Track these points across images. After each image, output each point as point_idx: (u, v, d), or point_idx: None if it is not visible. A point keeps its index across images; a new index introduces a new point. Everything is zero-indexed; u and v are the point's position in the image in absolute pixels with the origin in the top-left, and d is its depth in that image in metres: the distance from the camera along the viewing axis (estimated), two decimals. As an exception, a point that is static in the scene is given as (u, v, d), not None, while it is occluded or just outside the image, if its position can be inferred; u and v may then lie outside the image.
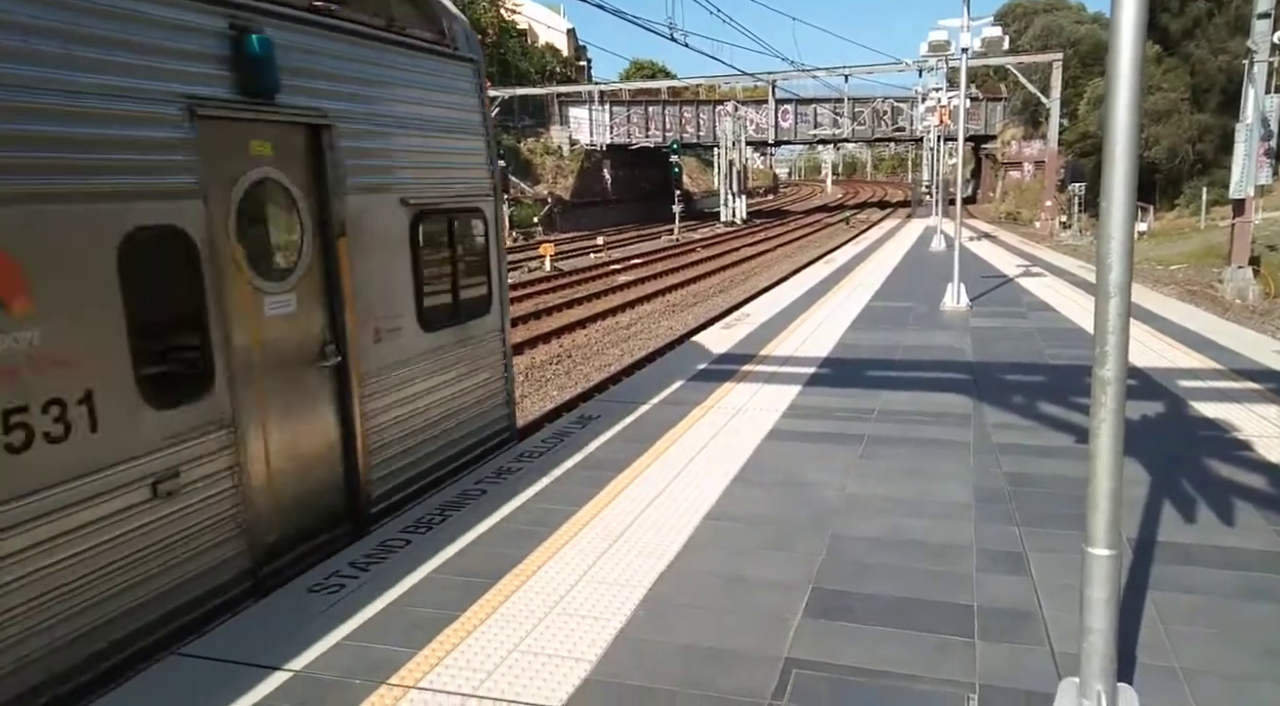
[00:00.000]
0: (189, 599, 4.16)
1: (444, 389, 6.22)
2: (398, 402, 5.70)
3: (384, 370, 5.59)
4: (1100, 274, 2.75)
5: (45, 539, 3.50)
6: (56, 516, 3.55)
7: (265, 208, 4.83)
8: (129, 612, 3.86)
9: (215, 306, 4.31)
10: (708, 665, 3.66)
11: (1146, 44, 2.72)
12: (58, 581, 3.55)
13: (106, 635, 3.75)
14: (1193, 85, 42.53)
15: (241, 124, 4.56)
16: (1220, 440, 6.52)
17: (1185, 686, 3.43)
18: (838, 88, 53.52)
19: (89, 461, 3.68)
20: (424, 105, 6.01)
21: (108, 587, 3.76)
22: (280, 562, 4.82)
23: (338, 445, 5.30)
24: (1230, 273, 23.17)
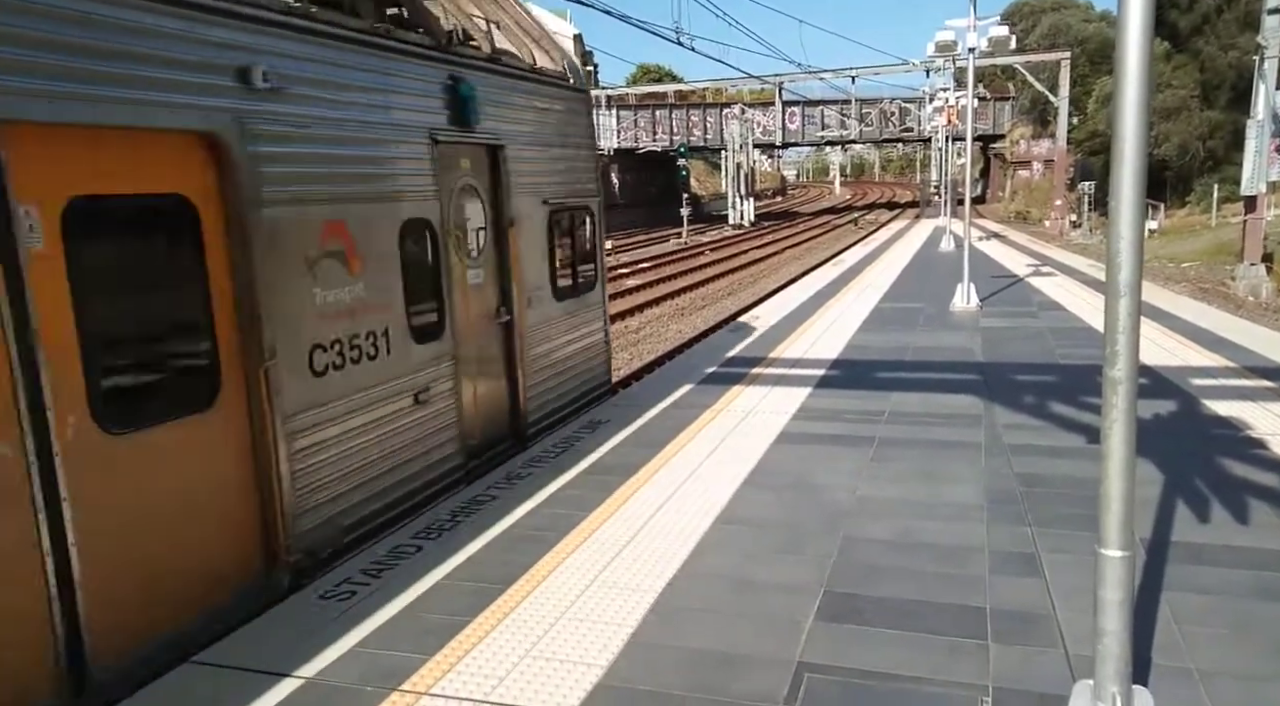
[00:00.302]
0: (432, 477, 5.88)
1: (569, 345, 8.03)
2: (543, 353, 7.52)
3: (534, 327, 7.37)
4: (1110, 273, 2.74)
5: (360, 429, 5.21)
6: (373, 408, 5.32)
7: (466, 206, 6.54)
8: (398, 482, 5.54)
9: (446, 275, 6.13)
10: (719, 669, 3.65)
11: (1155, 41, 2.70)
12: (359, 457, 5.21)
13: (391, 490, 5.46)
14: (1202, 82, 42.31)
15: (455, 146, 6.28)
16: (1233, 438, 6.47)
17: (1200, 687, 3.41)
18: (845, 89, 53.49)
19: (385, 375, 5.45)
20: (555, 127, 7.81)
21: (381, 470, 5.39)
22: (478, 461, 6.51)
23: (506, 380, 7.09)
24: (1242, 270, 23.03)
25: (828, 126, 57.37)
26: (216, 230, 4.38)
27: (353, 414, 5.17)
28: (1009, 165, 56.50)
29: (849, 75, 51.65)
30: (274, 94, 4.62)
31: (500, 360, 7.02)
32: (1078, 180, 44.14)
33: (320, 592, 4.47)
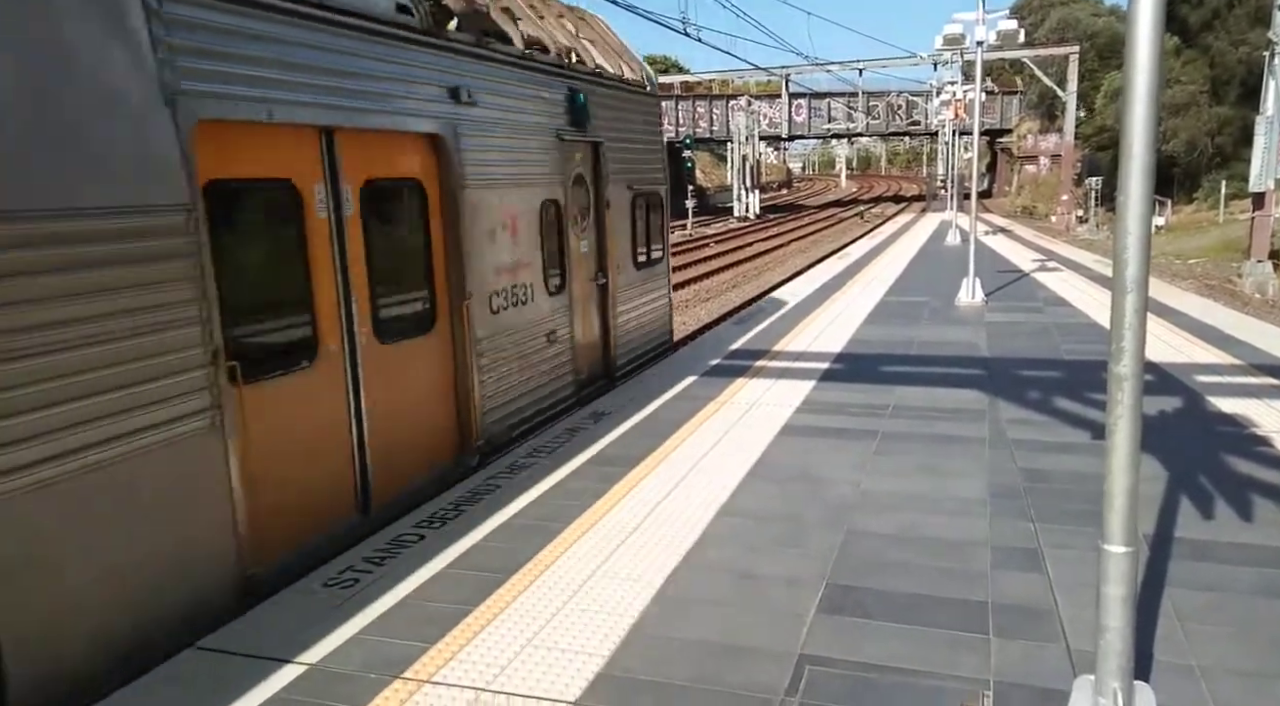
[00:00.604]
0: (555, 401, 7.70)
1: (644, 306, 9.96)
2: (625, 311, 9.38)
3: (621, 289, 9.24)
4: (1117, 269, 2.73)
5: (517, 356, 7.06)
6: (524, 342, 7.17)
7: (577, 190, 8.27)
8: (537, 400, 7.41)
9: (567, 244, 7.97)
10: (721, 660, 3.66)
11: (1165, 36, 2.69)
12: (517, 377, 7.07)
13: (533, 405, 7.34)
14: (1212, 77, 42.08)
15: (572, 143, 8.03)
16: (1239, 435, 6.46)
17: (1203, 684, 3.41)
18: (852, 82, 53.30)
19: (531, 318, 7.27)
20: (636, 126, 9.65)
21: (524, 388, 7.20)
22: (586, 392, 8.36)
23: (601, 330, 8.95)
24: (1249, 267, 22.94)
25: (834, 119, 57.19)
26: (444, 206, 6.26)
27: (513, 345, 7.07)
28: (1016, 160, 56.30)
29: (856, 68, 51.45)
30: (471, 106, 6.39)
31: (598, 314, 8.93)
32: (1085, 175, 43.97)
33: (323, 580, 4.49)
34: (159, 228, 3.92)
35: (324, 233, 5.11)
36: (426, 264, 6.15)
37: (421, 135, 5.98)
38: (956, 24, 16.34)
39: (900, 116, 56.37)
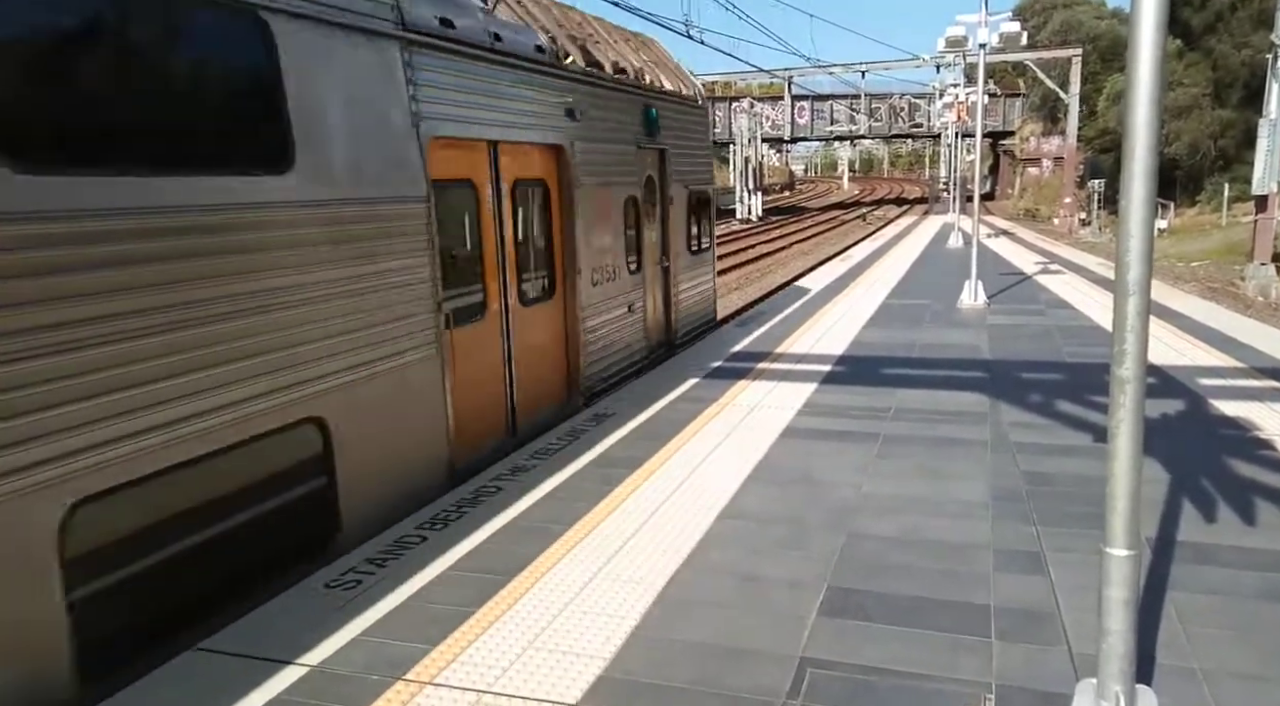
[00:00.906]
0: (630, 362, 9.41)
1: (696, 287, 11.86)
2: (683, 290, 11.24)
3: (680, 272, 11.10)
4: (1119, 272, 2.73)
5: (605, 318, 8.68)
6: (611, 310, 8.84)
7: (648, 189, 10.05)
8: (620, 358, 9.15)
9: (643, 233, 9.80)
10: (722, 663, 3.66)
11: (1167, 39, 2.69)
12: (607, 338, 8.76)
13: (618, 363, 9.05)
14: (1215, 80, 42.06)
15: (645, 150, 9.82)
16: (1241, 439, 6.45)
17: (1205, 687, 3.40)
18: (854, 84, 53.34)
19: (616, 292, 8.95)
20: (692, 135, 11.44)
21: (613, 348, 8.93)
22: (654, 354, 10.24)
23: (664, 306, 10.74)
24: (1252, 269, 22.93)
25: (837, 121, 57.22)
26: (563, 200, 7.99)
27: (605, 312, 8.82)
28: (1018, 162, 56.30)
29: (859, 70, 51.47)
30: (580, 122, 8.12)
31: (662, 292, 10.71)
32: (1087, 178, 43.97)
33: (326, 581, 4.49)
34: (412, 212, 5.68)
35: (490, 222, 6.92)
36: (549, 246, 7.96)
37: (549, 146, 7.78)
38: (959, 26, 16.32)
39: (903, 119, 56.38)
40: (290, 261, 4.70)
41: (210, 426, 4.20)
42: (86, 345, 3.63)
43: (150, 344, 3.91)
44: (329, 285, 4.95)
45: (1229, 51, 41.11)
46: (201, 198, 4.20)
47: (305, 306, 4.80)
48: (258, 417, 4.46)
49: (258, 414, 4.46)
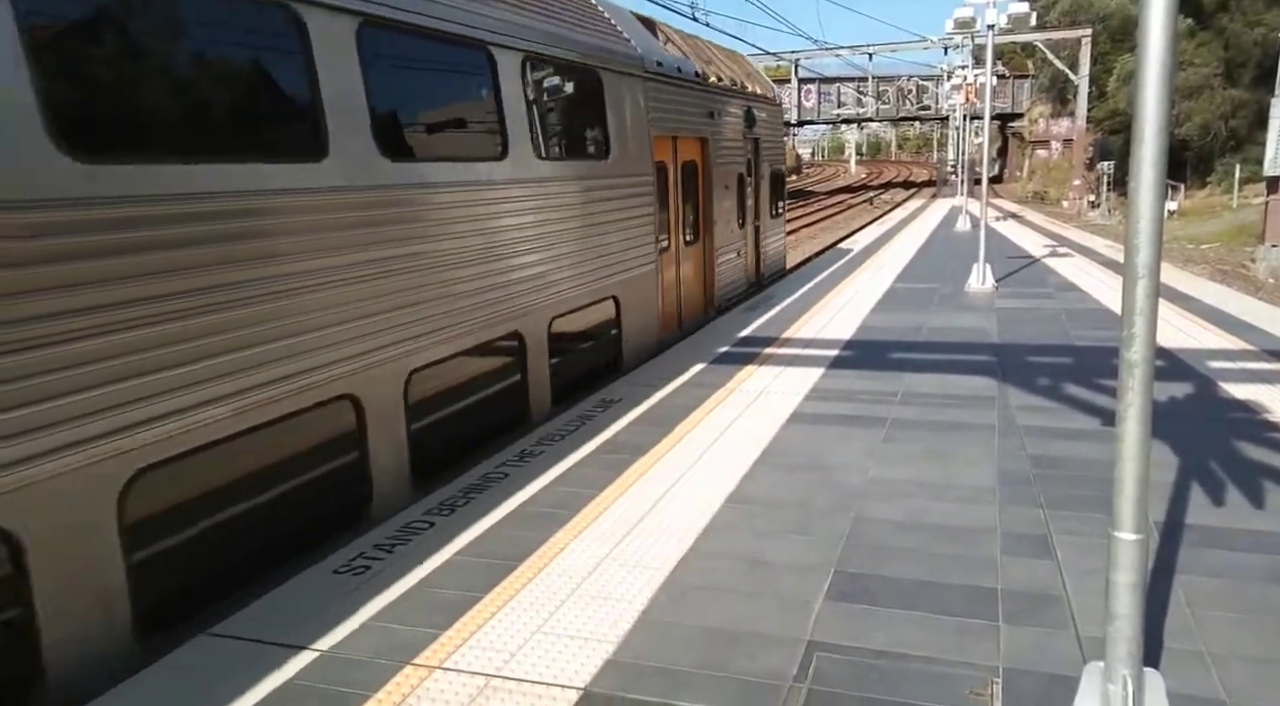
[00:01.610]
0: (739, 290, 13.26)
1: (774, 242, 15.88)
2: (767, 243, 15.02)
3: (765, 230, 14.79)
4: (1128, 255, 2.71)
5: (726, 259, 12.53)
6: (730, 252, 12.75)
7: (747, 168, 13.49)
8: (733, 287, 12.99)
9: (745, 199, 13.46)
10: (730, 647, 3.68)
11: (1179, 18, 2.65)
12: (725, 271, 12.54)
13: (733, 289, 12.98)
14: (1226, 60, 41.59)
15: (747, 139, 13.43)
16: (1251, 422, 6.42)
17: (1212, 670, 3.40)
18: (862, 66, 52.87)
19: (733, 240, 12.85)
20: (772, 127, 15.27)
21: (730, 278, 12.78)
22: (749, 290, 13.84)
23: (755, 254, 14.41)
24: (1263, 252, 22.76)
25: (844, 104, 56.79)
26: (705, 175, 11.43)
27: (726, 255, 12.37)
28: (1027, 144, 55.87)
29: (866, 52, 51.02)
30: (717, 120, 11.78)
31: (754, 244, 14.30)
32: (1097, 160, 43.60)
33: (334, 567, 4.52)
34: (646, 183, 9.35)
35: (672, 190, 10.40)
36: (698, 206, 11.45)
37: (700, 138, 11.35)
38: (967, 7, 16.17)
39: (910, 101, 55.95)
40: (614, 208, 8.50)
41: (583, 293, 8.02)
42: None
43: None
44: (623, 221, 8.75)
45: (1241, 30, 40.64)
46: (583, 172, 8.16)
47: (622, 232, 8.70)
48: (594, 291, 8.27)
49: (592, 292, 8.20)
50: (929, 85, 53.94)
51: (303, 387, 4.66)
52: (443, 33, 6.02)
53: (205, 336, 4.09)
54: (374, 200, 5.21)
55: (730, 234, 12.59)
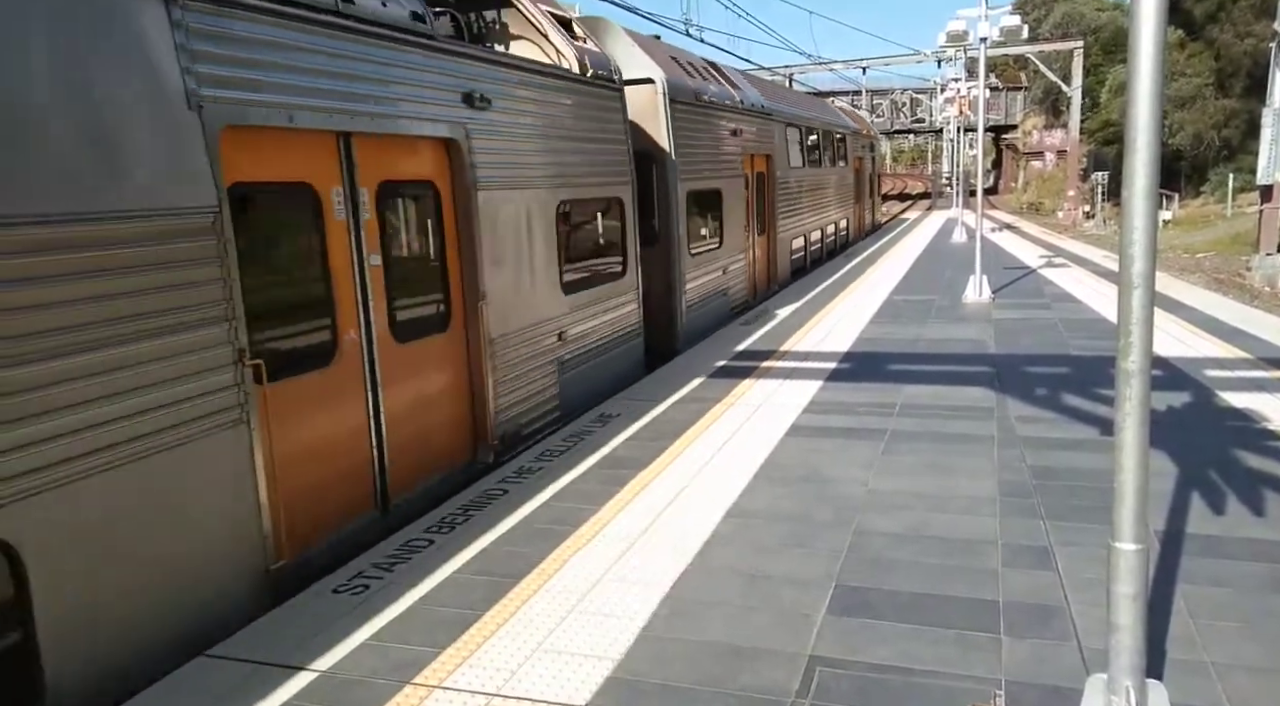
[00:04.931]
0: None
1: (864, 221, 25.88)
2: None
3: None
4: (1123, 265, 2.72)
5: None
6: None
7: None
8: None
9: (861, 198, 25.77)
10: (732, 663, 3.66)
11: (1169, 29, 2.67)
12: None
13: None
14: (1217, 70, 41.86)
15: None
16: (1249, 430, 6.42)
17: (1216, 681, 3.39)
18: (855, 80, 53.09)
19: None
20: (870, 151, 28.73)
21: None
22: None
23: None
24: (1258, 260, 22.82)
25: (838, 118, 56.91)
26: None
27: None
28: (1021, 156, 56.12)
29: (859, 66, 51.20)
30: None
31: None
32: (1091, 170, 43.78)
33: (333, 587, 4.49)
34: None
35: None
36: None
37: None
38: (960, 20, 16.29)
39: (904, 114, 56.21)
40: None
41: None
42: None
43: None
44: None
45: (1231, 41, 40.90)
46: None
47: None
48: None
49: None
50: (923, 98, 54.22)
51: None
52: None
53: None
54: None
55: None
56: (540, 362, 7.39)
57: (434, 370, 6.22)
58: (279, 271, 5.04)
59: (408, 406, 5.86)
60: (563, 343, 7.74)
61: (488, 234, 6.58)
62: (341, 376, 5.30)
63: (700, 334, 11.42)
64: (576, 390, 7.99)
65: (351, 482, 5.39)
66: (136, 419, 3.79)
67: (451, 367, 6.41)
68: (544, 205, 7.47)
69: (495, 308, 6.66)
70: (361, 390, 5.46)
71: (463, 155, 6.30)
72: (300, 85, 4.85)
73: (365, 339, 5.46)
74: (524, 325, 7.12)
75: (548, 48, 8.33)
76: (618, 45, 10.11)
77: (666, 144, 10.45)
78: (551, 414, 7.56)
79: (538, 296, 7.36)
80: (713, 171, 12.04)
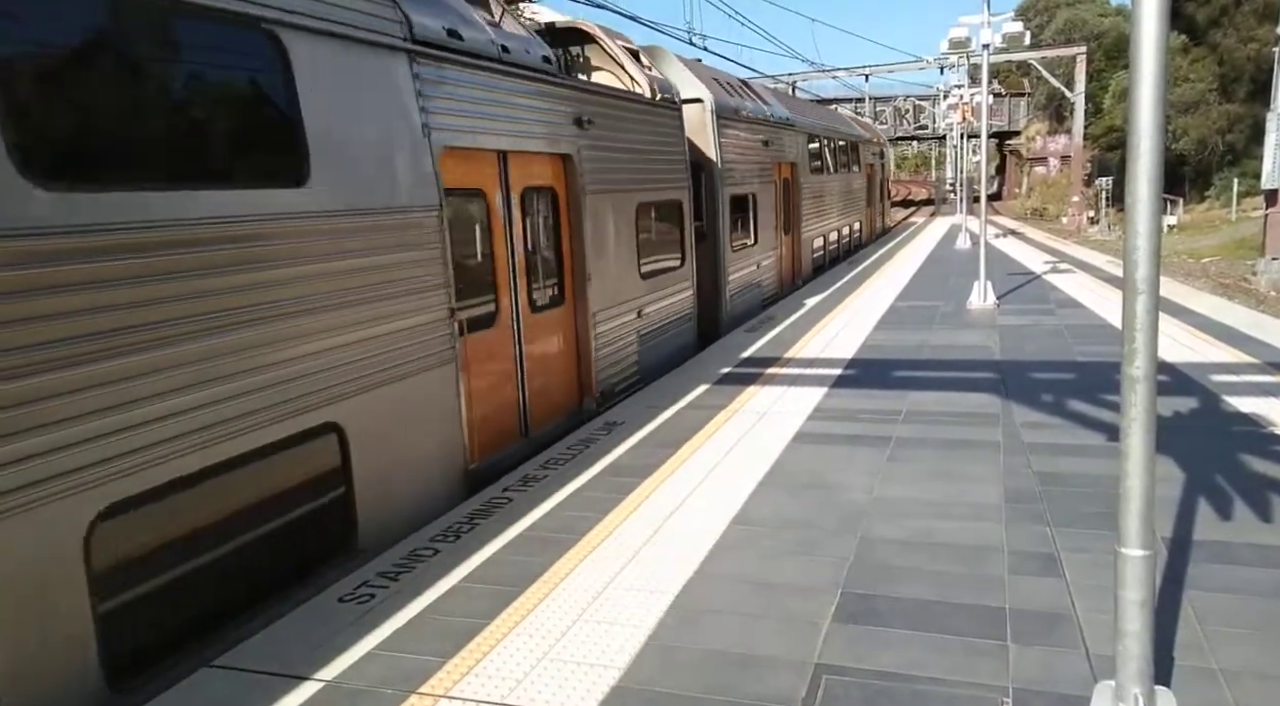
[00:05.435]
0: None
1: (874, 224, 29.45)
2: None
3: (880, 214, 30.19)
4: (1128, 270, 2.72)
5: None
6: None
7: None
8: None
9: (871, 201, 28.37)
10: (738, 671, 3.65)
11: (1171, 34, 2.68)
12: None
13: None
14: (1221, 75, 41.88)
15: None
16: (1256, 435, 6.40)
17: (1225, 688, 3.37)
18: (858, 87, 53.23)
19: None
20: (882, 157, 32.50)
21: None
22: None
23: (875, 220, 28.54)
24: (1264, 264, 22.80)
25: (842, 125, 56.96)
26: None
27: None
28: (1025, 161, 56.11)
29: (862, 73, 51.37)
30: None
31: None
32: (1095, 176, 43.78)
33: (339, 596, 4.50)
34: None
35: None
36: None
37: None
38: (962, 27, 16.34)
39: (908, 121, 56.30)
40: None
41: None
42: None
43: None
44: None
45: (1234, 46, 40.93)
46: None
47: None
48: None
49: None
50: (926, 105, 54.30)
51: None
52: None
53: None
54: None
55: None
56: (626, 333, 9.03)
57: (555, 335, 7.84)
58: (467, 255, 6.58)
59: (539, 362, 7.50)
60: (640, 319, 9.36)
61: (591, 229, 8.16)
62: (501, 335, 6.99)
63: (739, 319, 13.04)
64: (650, 359, 9.62)
65: (507, 415, 7.11)
66: (404, 348, 5.44)
67: (566, 334, 8.01)
68: (627, 206, 9.03)
69: (597, 287, 8.25)
70: (512, 347, 7.12)
71: (575, 166, 7.93)
72: (480, 113, 6.51)
73: (514, 307, 7.12)
74: (616, 302, 8.74)
75: (623, 76, 10.01)
76: (671, 70, 11.78)
77: (714, 154, 12.24)
78: (633, 376, 9.17)
79: (624, 280, 8.93)
80: (749, 178, 13.79)
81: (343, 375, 4.90)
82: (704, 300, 11.75)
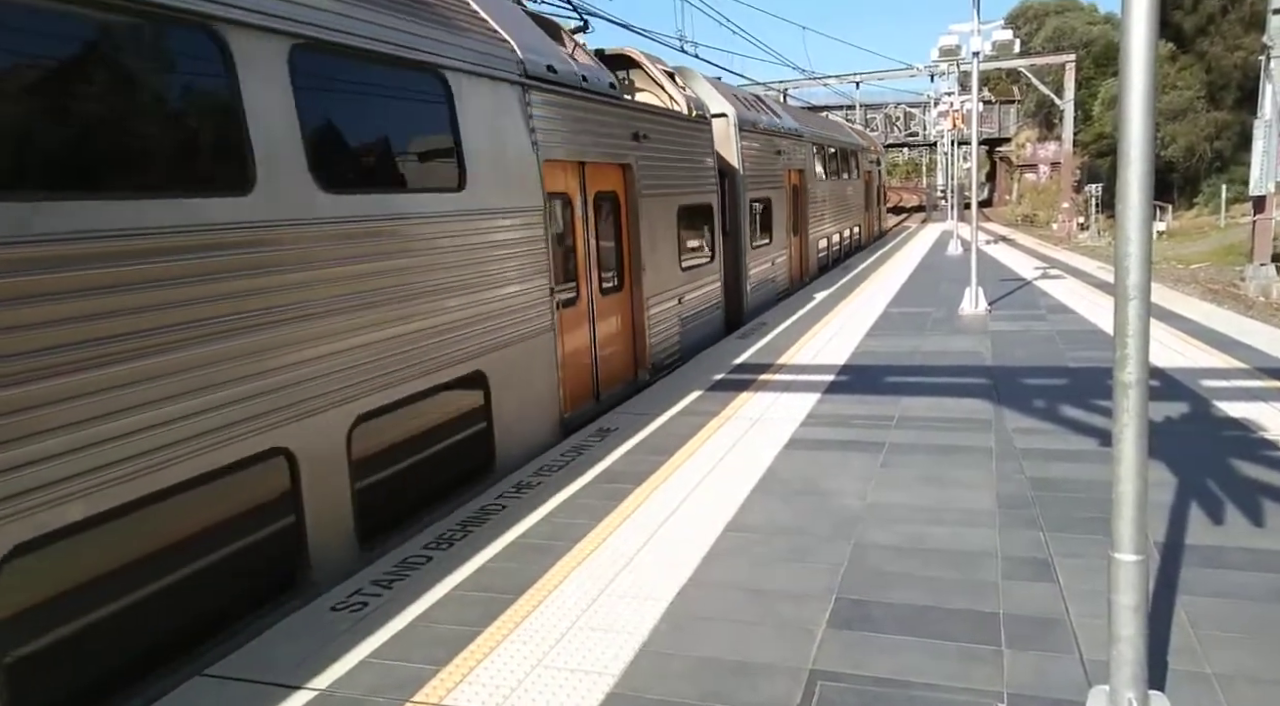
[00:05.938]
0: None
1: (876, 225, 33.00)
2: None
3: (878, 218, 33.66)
4: (1118, 276, 2.73)
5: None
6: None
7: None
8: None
9: (870, 205, 30.99)
10: (732, 678, 3.64)
11: (1160, 43, 2.70)
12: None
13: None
14: (1208, 83, 42.18)
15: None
16: (1247, 440, 6.43)
17: (1219, 692, 3.38)
18: (849, 94, 53.42)
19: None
20: (878, 165, 34.69)
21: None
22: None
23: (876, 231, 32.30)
24: (1252, 270, 22.93)
25: (833, 132, 57.17)
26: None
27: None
28: (1015, 168, 56.41)
29: (853, 80, 51.57)
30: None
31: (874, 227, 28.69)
32: (1085, 182, 44.03)
33: (331, 604, 4.47)
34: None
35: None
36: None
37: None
38: (952, 35, 16.41)
39: (898, 128, 56.55)
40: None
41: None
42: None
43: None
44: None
45: (1222, 54, 41.24)
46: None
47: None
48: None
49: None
50: (916, 112, 54.57)
51: None
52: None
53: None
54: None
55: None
56: (670, 316, 10.47)
57: (616, 316, 9.27)
58: (559, 247, 7.88)
59: (607, 337, 8.96)
60: (681, 305, 10.81)
61: (644, 227, 9.62)
62: (580, 313, 8.37)
63: (758, 310, 14.60)
64: (689, 340, 11.10)
65: (584, 379, 8.48)
66: (523, 317, 6.90)
67: (625, 315, 9.48)
68: (671, 208, 10.52)
69: (649, 276, 9.72)
70: (587, 323, 8.51)
71: (633, 174, 9.40)
72: (568, 131, 7.89)
73: (590, 291, 8.52)
74: (663, 290, 10.22)
75: (663, 95, 11.70)
76: (700, 88, 13.45)
77: (737, 162, 13.80)
78: (675, 354, 10.61)
79: (669, 271, 10.42)
80: (766, 183, 15.45)
81: (485, 336, 6.36)
82: (728, 292, 13.16)
